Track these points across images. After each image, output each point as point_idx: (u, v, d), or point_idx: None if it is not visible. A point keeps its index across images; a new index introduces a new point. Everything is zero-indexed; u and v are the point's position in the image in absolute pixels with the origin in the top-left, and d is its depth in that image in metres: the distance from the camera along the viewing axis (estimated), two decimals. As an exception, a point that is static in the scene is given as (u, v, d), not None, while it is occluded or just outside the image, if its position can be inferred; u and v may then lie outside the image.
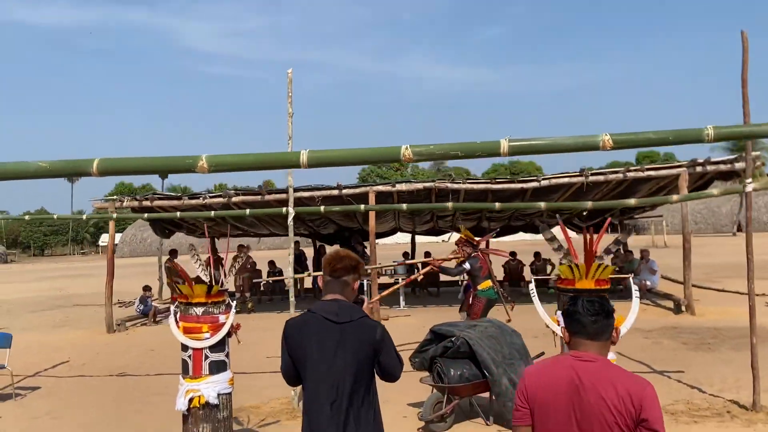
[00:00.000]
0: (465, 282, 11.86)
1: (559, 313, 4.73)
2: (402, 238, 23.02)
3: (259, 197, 13.70)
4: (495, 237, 19.73)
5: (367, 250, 17.74)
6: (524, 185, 12.85)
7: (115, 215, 13.95)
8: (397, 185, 13.05)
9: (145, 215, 12.65)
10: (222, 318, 5.19)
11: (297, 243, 20.14)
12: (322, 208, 9.09)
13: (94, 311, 17.78)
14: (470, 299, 9.72)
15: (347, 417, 2.96)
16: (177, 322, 5.21)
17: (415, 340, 11.25)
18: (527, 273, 17.90)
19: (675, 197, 10.20)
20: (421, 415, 6.22)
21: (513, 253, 18.08)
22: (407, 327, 12.81)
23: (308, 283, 19.12)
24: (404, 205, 9.27)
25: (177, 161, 2.91)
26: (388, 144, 3.15)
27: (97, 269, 40.77)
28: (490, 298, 9.48)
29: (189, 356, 5.14)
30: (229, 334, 5.24)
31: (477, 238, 9.91)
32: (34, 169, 2.77)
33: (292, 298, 7.50)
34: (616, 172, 12.66)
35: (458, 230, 19.11)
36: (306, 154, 3.04)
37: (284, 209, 7.37)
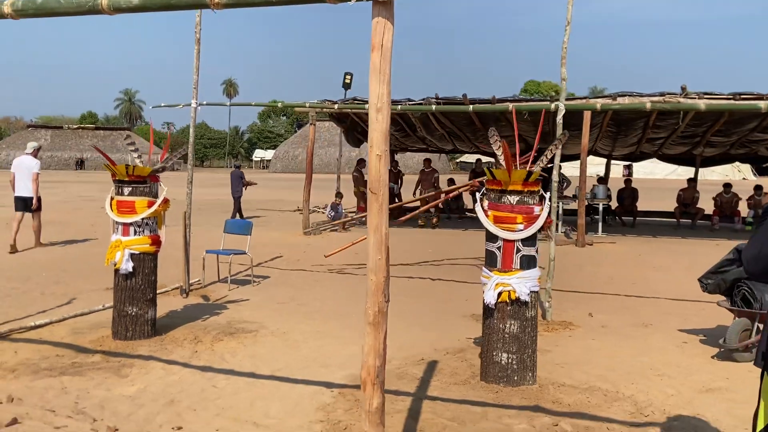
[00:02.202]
0: None
1: None
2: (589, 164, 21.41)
3: (461, 106, 13.11)
4: (703, 167, 18.07)
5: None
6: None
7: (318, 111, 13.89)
8: (618, 98, 11.84)
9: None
10: (537, 210, 4.69)
11: (479, 161, 19.51)
12: (598, 105, 8.29)
13: (276, 215, 18.46)
14: None
15: None
16: (485, 210, 4.77)
17: (636, 268, 10.51)
18: (744, 207, 16.20)
19: None
20: (724, 341, 5.49)
21: (727, 185, 16.43)
22: (618, 254, 11.96)
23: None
24: (699, 106, 8.14)
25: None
26: None
27: (257, 180, 42.82)
28: None
29: (498, 248, 4.71)
30: (542, 228, 4.74)
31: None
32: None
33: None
34: None
35: (662, 157, 17.65)
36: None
37: (553, 104, 6.67)
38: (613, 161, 18.41)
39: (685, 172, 52.32)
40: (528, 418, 4.17)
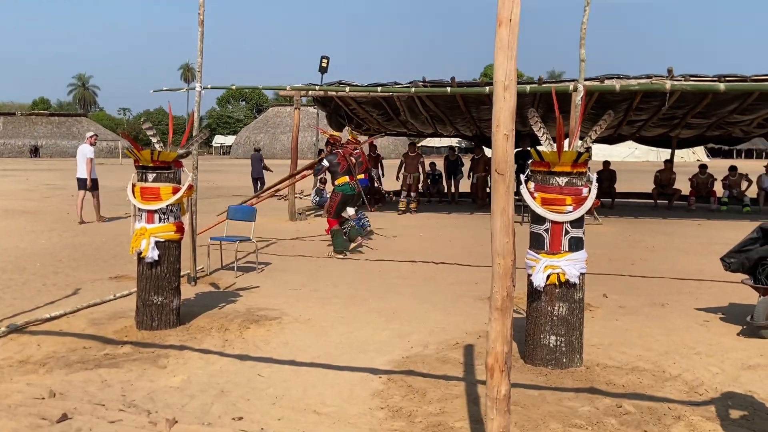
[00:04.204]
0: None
1: None
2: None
3: (448, 89, 13.04)
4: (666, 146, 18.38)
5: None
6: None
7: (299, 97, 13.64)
8: (606, 81, 11.91)
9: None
10: (585, 191, 4.67)
11: (452, 149, 19.55)
12: (618, 86, 8.29)
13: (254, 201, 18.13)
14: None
15: None
16: (531, 192, 4.73)
17: (630, 248, 10.67)
18: (718, 188, 16.59)
19: None
20: (752, 318, 5.60)
21: (703, 166, 16.80)
22: (608, 235, 12.13)
23: (466, 188, 18.65)
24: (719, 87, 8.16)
25: None
26: None
27: (220, 167, 42.15)
28: (345, 193, 9.71)
29: (546, 230, 4.68)
30: (589, 211, 4.73)
31: (362, 138, 10.82)
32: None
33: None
34: None
35: (639, 140, 17.93)
36: None
37: (571, 85, 6.66)
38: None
39: (643, 154, 53.56)
40: (588, 400, 4.17)
